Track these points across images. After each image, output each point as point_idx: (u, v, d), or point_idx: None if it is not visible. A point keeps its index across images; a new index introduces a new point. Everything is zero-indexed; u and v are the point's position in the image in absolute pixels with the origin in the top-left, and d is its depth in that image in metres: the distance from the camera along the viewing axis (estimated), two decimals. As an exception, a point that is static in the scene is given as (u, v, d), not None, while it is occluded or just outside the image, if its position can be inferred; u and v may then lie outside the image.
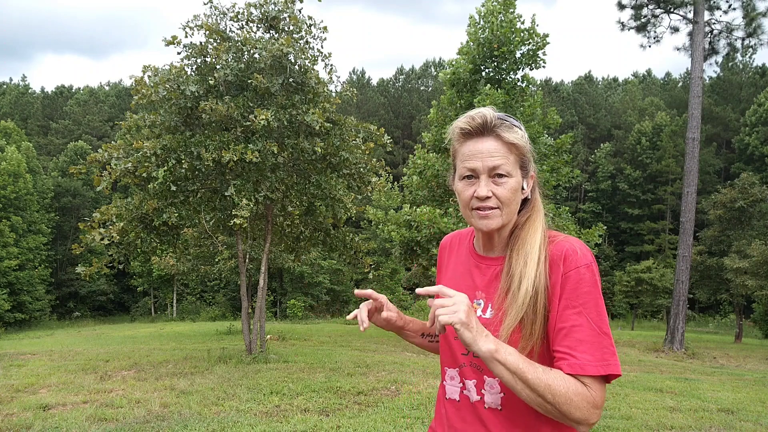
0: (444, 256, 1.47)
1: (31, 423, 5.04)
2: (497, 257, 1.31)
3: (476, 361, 1.27)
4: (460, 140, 1.27)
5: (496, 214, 1.24)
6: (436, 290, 1.14)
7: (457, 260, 1.41)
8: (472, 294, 1.31)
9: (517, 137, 1.24)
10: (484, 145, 1.23)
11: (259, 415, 5.39)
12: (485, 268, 1.32)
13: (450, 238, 1.49)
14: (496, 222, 1.24)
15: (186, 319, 33.95)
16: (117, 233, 8.67)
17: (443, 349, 1.37)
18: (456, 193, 1.30)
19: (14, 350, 11.57)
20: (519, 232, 1.29)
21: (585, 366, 1.12)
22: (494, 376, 1.24)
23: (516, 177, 1.24)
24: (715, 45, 18.07)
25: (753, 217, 20.94)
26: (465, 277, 1.35)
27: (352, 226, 35.41)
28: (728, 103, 49.17)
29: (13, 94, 59.90)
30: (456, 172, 1.30)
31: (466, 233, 1.45)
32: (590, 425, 1.13)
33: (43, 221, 39.59)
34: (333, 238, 10.80)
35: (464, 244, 1.42)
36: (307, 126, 8.68)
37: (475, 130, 1.23)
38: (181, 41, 8.94)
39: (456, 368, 1.32)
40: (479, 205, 1.24)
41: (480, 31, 14.49)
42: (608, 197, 48.40)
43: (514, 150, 1.24)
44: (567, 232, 13.43)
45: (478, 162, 1.22)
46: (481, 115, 1.23)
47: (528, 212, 1.31)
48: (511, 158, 1.23)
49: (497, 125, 1.23)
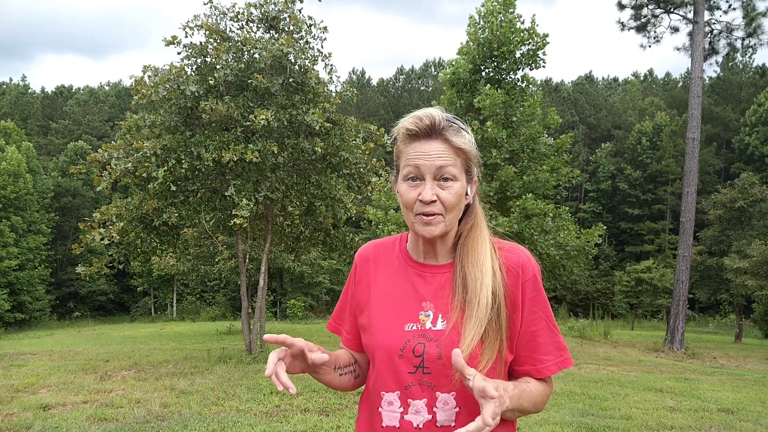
0: (367, 267, 1.35)
1: (31, 423, 5.04)
2: (441, 265, 1.26)
3: (427, 378, 1.18)
4: (405, 141, 1.21)
5: (439, 220, 1.19)
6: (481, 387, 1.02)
7: (389, 270, 1.31)
8: (418, 305, 1.23)
9: (464, 141, 1.20)
10: (431, 146, 1.18)
11: (259, 415, 5.39)
12: (429, 276, 1.25)
13: (372, 248, 1.37)
14: (439, 229, 1.19)
15: (186, 319, 33.94)
16: (117, 233, 8.67)
17: (380, 373, 1.24)
18: (398, 196, 1.24)
19: (14, 350, 11.57)
20: (466, 241, 1.25)
21: (550, 367, 1.24)
22: (448, 391, 1.17)
23: (461, 181, 1.20)
24: (715, 45, 18.06)
25: (753, 217, 20.93)
26: (406, 287, 1.26)
27: (352, 226, 35.40)
28: (728, 103, 49.16)
29: (13, 94, 59.89)
30: (399, 173, 1.23)
31: (390, 242, 1.37)
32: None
33: (43, 221, 39.58)
34: (333, 238, 10.80)
35: (393, 254, 1.33)
36: (307, 126, 8.68)
37: (422, 132, 1.18)
38: (181, 41, 8.94)
39: (397, 391, 1.21)
40: (423, 210, 1.18)
41: (480, 31, 14.49)
42: (608, 197, 48.39)
43: (461, 154, 1.20)
44: (567, 232, 13.43)
45: (424, 161, 1.17)
46: (429, 116, 1.18)
47: (471, 219, 1.27)
48: (458, 162, 1.19)
49: (445, 127, 1.18)
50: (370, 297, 1.30)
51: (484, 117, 13.87)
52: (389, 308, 1.26)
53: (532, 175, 13.70)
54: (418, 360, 1.19)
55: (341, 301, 1.42)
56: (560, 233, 13.20)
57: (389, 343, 1.22)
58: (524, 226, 12.82)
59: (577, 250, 13.48)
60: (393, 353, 1.21)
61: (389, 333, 1.23)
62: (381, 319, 1.25)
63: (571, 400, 6.51)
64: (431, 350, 1.18)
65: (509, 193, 13.68)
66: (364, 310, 1.31)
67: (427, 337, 1.19)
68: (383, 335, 1.23)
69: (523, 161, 14.18)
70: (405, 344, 1.20)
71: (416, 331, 1.20)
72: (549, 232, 13.08)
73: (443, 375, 1.17)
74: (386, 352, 1.22)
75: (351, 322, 1.37)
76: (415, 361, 1.19)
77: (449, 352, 1.15)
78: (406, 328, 1.21)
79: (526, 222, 12.97)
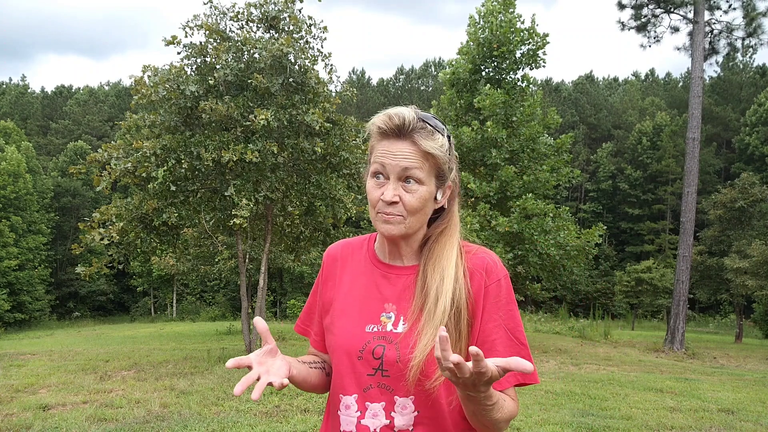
0: (335, 267, 1.31)
1: (31, 423, 5.03)
2: (406, 266, 1.23)
3: (385, 381, 1.16)
4: (377, 138, 1.18)
5: (399, 220, 1.15)
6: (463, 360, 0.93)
7: (356, 270, 1.28)
8: (381, 306, 1.20)
9: (434, 146, 1.14)
10: (399, 147, 1.14)
11: (259, 415, 5.39)
12: (394, 278, 1.22)
13: (340, 248, 1.34)
14: (398, 229, 1.15)
15: (186, 319, 33.95)
16: (117, 233, 8.67)
17: (340, 375, 1.21)
18: (366, 192, 1.21)
19: (14, 350, 11.57)
20: (433, 245, 1.21)
21: (502, 382, 1.12)
22: (406, 395, 1.15)
23: (428, 186, 1.16)
24: (715, 45, 18.06)
25: (753, 217, 20.92)
26: (370, 287, 1.23)
27: (352, 226, 35.36)
28: (728, 103, 49.15)
29: (12, 94, 59.89)
30: (369, 169, 1.20)
31: (359, 242, 1.34)
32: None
33: (43, 221, 39.59)
34: (333, 238, 10.79)
35: (361, 253, 1.30)
36: (307, 126, 8.68)
37: (390, 131, 1.15)
38: (180, 41, 8.94)
39: (354, 394, 1.18)
40: (384, 210, 1.15)
41: (480, 31, 14.48)
42: (609, 197, 48.39)
43: (430, 158, 1.15)
44: (567, 232, 13.42)
45: (389, 160, 1.14)
46: (399, 116, 1.14)
47: (443, 224, 1.23)
48: (426, 165, 1.15)
49: (416, 129, 1.13)
50: (335, 297, 1.27)
51: (484, 117, 13.87)
52: (352, 309, 1.23)
53: (532, 175, 13.70)
54: (377, 362, 1.16)
55: (309, 302, 1.38)
56: (560, 233, 13.19)
57: (349, 344, 1.19)
58: (524, 226, 12.81)
59: (577, 250, 13.47)
60: (353, 354, 1.18)
61: (350, 334, 1.20)
62: (343, 320, 1.23)
63: (571, 401, 6.51)
64: (390, 353, 1.15)
65: (509, 193, 13.68)
66: (329, 310, 1.28)
67: (387, 339, 1.17)
68: (344, 336, 1.21)
69: (523, 161, 14.18)
70: (365, 346, 1.18)
71: (377, 333, 1.18)
72: (549, 232, 13.08)
73: (402, 378, 1.15)
74: (346, 353, 1.19)
75: (319, 323, 1.33)
76: (375, 363, 1.16)
77: (407, 355, 1.14)
78: (367, 330, 1.19)
79: (526, 222, 12.96)
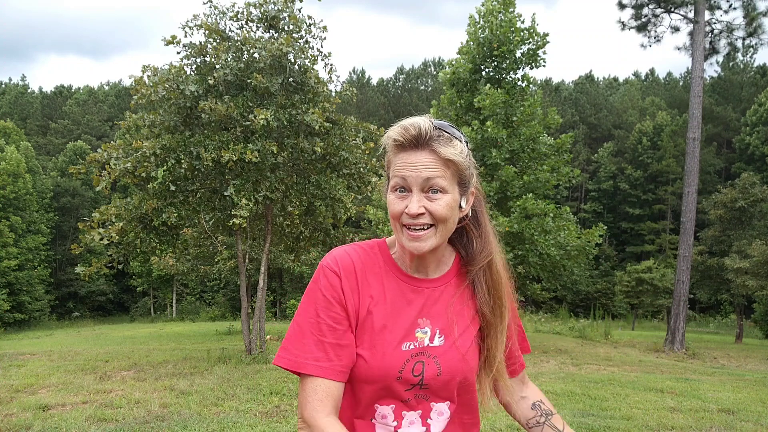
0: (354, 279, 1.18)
1: (31, 423, 5.02)
2: (433, 279, 1.21)
3: (423, 392, 1.16)
4: (393, 151, 1.15)
5: (429, 234, 1.12)
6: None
7: (379, 284, 1.19)
8: (415, 323, 1.17)
9: (454, 152, 1.12)
10: (418, 157, 1.12)
11: (259, 416, 5.38)
12: (427, 291, 1.20)
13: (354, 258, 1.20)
14: (429, 244, 1.12)
15: (185, 320, 33.94)
16: (116, 233, 8.66)
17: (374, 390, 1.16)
18: (387, 206, 1.17)
19: (14, 350, 11.56)
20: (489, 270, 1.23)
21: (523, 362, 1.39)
22: (442, 400, 1.18)
23: (452, 194, 1.14)
24: (715, 45, 18.04)
25: (754, 217, 20.92)
26: (400, 303, 1.18)
27: (352, 226, 35.35)
28: (729, 103, 49.14)
29: (12, 93, 59.89)
30: (389, 183, 1.17)
31: (368, 251, 1.23)
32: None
33: (43, 221, 39.60)
34: (333, 238, 10.78)
35: (378, 264, 1.21)
36: (306, 126, 8.67)
37: (407, 142, 1.12)
38: (180, 41, 8.93)
39: (392, 405, 1.16)
40: (410, 222, 1.11)
41: (480, 31, 14.48)
42: (609, 197, 48.40)
43: (452, 165, 1.13)
44: (567, 232, 13.42)
45: (410, 172, 1.11)
46: (415, 127, 1.12)
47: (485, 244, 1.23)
48: (448, 173, 1.13)
49: (433, 137, 1.12)
50: (361, 315, 1.17)
51: (484, 117, 13.86)
52: (384, 327, 1.16)
53: (532, 175, 13.69)
54: (417, 379, 1.15)
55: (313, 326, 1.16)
56: (561, 233, 13.19)
57: (387, 367, 1.14)
58: (524, 226, 12.80)
59: (577, 250, 13.47)
60: (391, 377, 1.14)
61: (387, 355, 1.14)
62: (376, 340, 1.15)
63: (572, 401, 6.50)
64: (430, 368, 1.15)
65: (509, 193, 13.67)
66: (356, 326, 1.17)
67: (426, 354, 1.15)
68: (380, 358, 1.14)
69: (523, 161, 14.17)
70: (404, 366, 1.14)
71: (414, 350, 1.15)
72: (549, 232, 13.07)
73: (442, 389, 1.17)
74: (383, 376, 1.14)
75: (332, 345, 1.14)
76: (414, 380, 1.15)
77: (449, 367, 1.15)
78: (404, 348, 1.15)
79: (526, 222, 12.96)
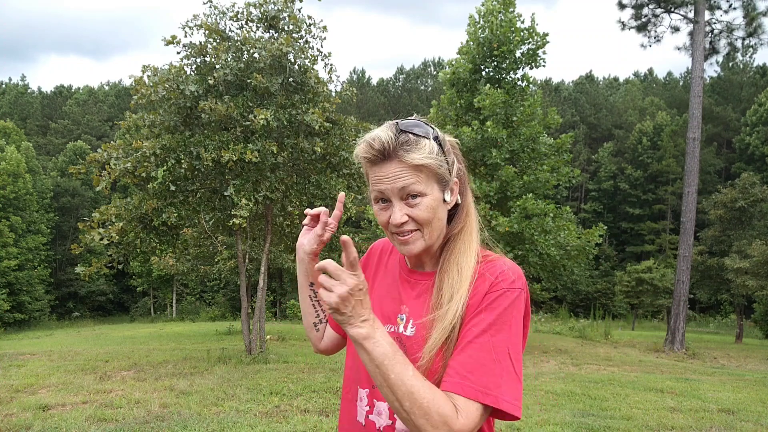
0: (372, 260, 1.39)
1: (31, 423, 5.02)
2: (427, 273, 1.24)
3: None
4: (367, 166, 1.18)
5: (416, 236, 1.15)
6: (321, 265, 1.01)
7: (386, 270, 1.33)
8: (398, 308, 1.23)
9: (422, 156, 1.12)
10: (389, 169, 1.13)
11: (259, 416, 5.37)
12: (414, 283, 1.24)
13: (383, 243, 1.40)
14: (418, 246, 1.16)
15: (185, 320, 33.92)
16: (116, 233, 8.65)
17: (354, 367, 1.27)
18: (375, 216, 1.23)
19: (14, 350, 11.55)
20: (451, 246, 1.20)
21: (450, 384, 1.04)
22: None
23: (432, 194, 1.14)
24: (715, 45, 18.05)
25: (754, 217, 20.92)
26: (392, 289, 1.28)
27: (352, 226, 35.39)
28: (729, 103, 49.13)
29: (12, 93, 59.87)
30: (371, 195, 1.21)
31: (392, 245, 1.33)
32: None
33: (43, 221, 39.59)
34: (333, 238, 10.78)
35: (395, 253, 1.34)
36: (306, 126, 8.66)
37: (374, 157, 1.14)
38: (180, 41, 8.92)
39: (366, 389, 1.22)
40: (397, 231, 1.15)
41: (480, 31, 14.48)
42: (609, 197, 48.39)
43: (423, 168, 1.13)
44: (567, 232, 13.40)
45: (385, 185, 1.13)
46: (377, 140, 1.12)
47: (460, 222, 1.22)
48: (422, 176, 1.13)
49: (397, 147, 1.12)
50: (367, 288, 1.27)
51: (484, 117, 13.86)
52: (374, 306, 1.24)
53: (532, 175, 13.68)
54: None
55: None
56: (561, 233, 13.18)
57: None
58: (524, 226, 12.80)
59: (577, 250, 13.46)
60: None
61: None
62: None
63: (572, 401, 6.50)
64: None
65: (509, 193, 13.66)
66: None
67: (398, 340, 1.18)
68: None
69: (523, 161, 14.16)
70: None
71: (391, 333, 1.19)
72: (549, 232, 13.06)
73: None
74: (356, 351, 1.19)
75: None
76: None
77: (414, 357, 1.13)
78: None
79: (526, 222, 12.95)
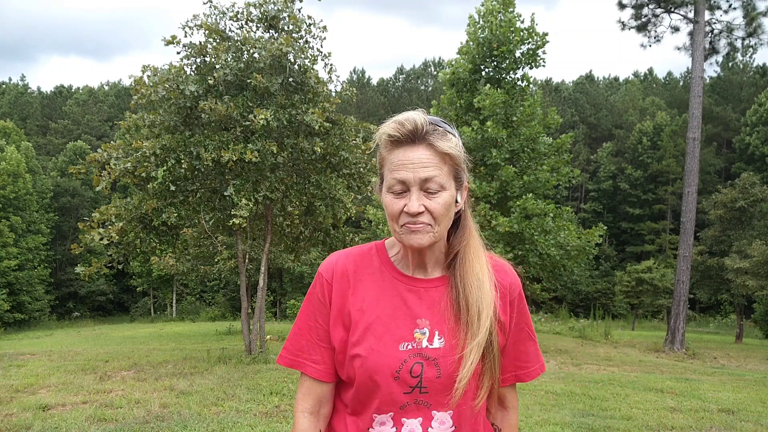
0: (347, 282, 1.20)
1: (31, 423, 5.02)
2: (432, 279, 1.19)
3: (423, 397, 1.13)
4: (388, 147, 1.13)
5: (428, 230, 1.11)
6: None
7: (374, 285, 1.20)
8: (413, 323, 1.15)
9: (451, 146, 1.11)
10: (415, 154, 1.09)
11: (259, 416, 5.37)
12: (422, 291, 1.18)
13: (349, 261, 1.22)
14: (427, 238, 1.11)
15: (185, 320, 33.93)
16: (116, 233, 8.65)
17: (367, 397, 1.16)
18: (384, 206, 1.15)
19: (14, 350, 11.55)
20: (464, 256, 1.18)
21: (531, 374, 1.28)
22: (445, 409, 1.14)
23: (450, 190, 1.12)
24: (715, 45, 18.05)
25: (754, 217, 20.92)
26: (397, 303, 1.17)
27: (352, 226, 35.41)
28: (729, 103, 49.12)
29: (12, 93, 59.86)
30: (384, 183, 1.15)
31: (364, 253, 1.24)
32: None
33: (43, 221, 39.59)
34: (333, 238, 10.78)
35: (373, 265, 1.22)
36: (306, 126, 8.66)
37: (404, 138, 1.10)
38: (180, 41, 8.92)
39: (390, 412, 1.14)
40: (409, 221, 1.10)
41: (479, 31, 14.48)
42: (609, 197, 48.40)
43: (448, 160, 1.12)
44: (568, 232, 13.41)
45: (408, 173, 1.09)
46: (411, 121, 1.10)
47: (466, 233, 1.21)
48: (445, 169, 1.11)
49: (429, 132, 1.10)
50: (355, 316, 1.17)
51: (484, 117, 13.86)
52: (379, 327, 1.15)
53: (532, 175, 13.68)
54: (416, 380, 1.13)
55: (302, 327, 1.23)
56: (561, 233, 13.18)
57: (384, 366, 1.13)
58: (524, 226, 12.80)
59: (577, 250, 13.46)
60: (388, 376, 1.13)
61: (383, 354, 1.13)
62: (371, 340, 1.14)
63: (572, 401, 6.50)
64: (430, 370, 1.13)
65: (509, 193, 13.66)
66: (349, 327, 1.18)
67: (424, 356, 1.13)
68: (376, 358, 1.13)
69: (523, 161, 14.16)
70: (401, 365, 1.13)
71: (412, 350, 1.13)
72: (549, 232, 13.06)
73: (442, 394, 1.13)
74: (381, 375, 1.13)
75: (326, 348, 1.21)
76: (412, 381, 1.13)
77: (449, 371, 1.12)
78: (401, 348, 1.13)
79: (526, 222, 12.95)
